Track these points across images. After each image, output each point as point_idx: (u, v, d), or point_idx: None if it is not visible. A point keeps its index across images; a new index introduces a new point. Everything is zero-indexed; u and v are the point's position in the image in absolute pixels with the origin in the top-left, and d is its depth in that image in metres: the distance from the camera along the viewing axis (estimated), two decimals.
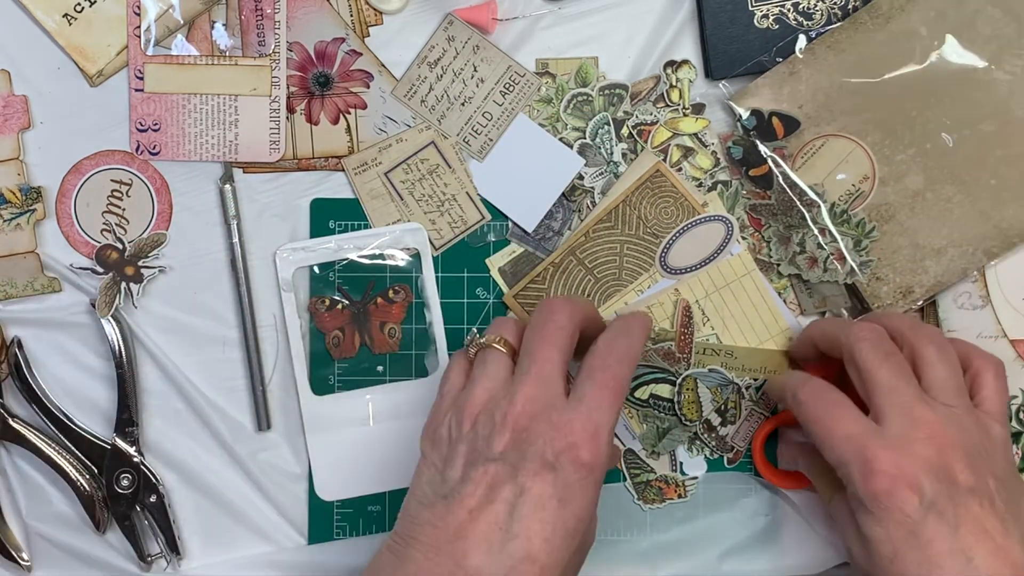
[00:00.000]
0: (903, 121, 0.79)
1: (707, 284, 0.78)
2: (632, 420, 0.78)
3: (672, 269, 0.77)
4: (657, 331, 0.77)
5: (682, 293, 0.77)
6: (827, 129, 0.79)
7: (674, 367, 0.78)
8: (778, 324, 0.79)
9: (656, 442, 0.80)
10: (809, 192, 0.79)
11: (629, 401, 0.78)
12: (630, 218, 0.77)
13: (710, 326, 0.78)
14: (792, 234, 0.80)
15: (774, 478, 0.82)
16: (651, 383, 0.79)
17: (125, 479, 0.81)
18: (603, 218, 0.76)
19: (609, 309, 0.76)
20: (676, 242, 0.77)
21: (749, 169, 0.80)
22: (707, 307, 0.78)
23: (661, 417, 0.79)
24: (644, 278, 0.76)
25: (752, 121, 0.80)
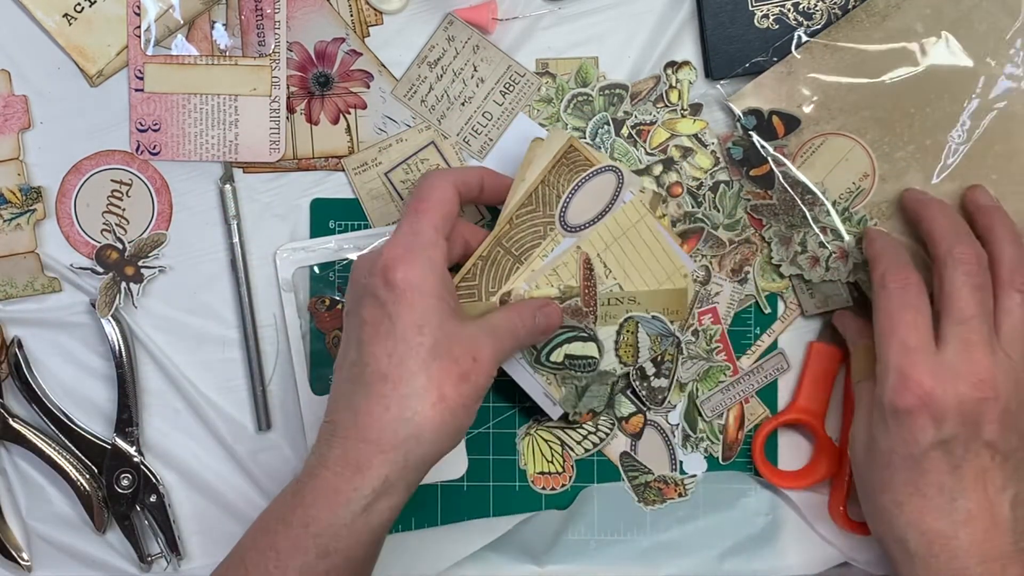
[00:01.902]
0: (902, 118, 0.79)
1: (606, 236, 0.76)
2: (552, 387, 0.78)
3: (572, 227, 0.76)
4: (563, 289, 0.76)
5: (584, 249, 0.76)
6: (826, 128, 0.79)
7: (583, 322, 0.77)
8: (674, 264, 0.78)
9: (576, 402, 0.78)
10: (814, 190, 0.79)
11: (545, 367, 0.77)
12: (550, 198, 0.76)
13: (612, 277, 0.77)
14: (793, 234, 0.80)
15: (774, 478, 0.82)
16: (564, 344, 0.77)
17: (125, 479, 0.81)
18: (524, 202, 0.75)
19: (519, 279, 0.75)
20: (572, 199, 0.76)
21: (750, 169, 0.80)
22: (608, 259, 0.77)
23: (578, 376, 0.78)
24: (548, 241, 0.76)
25: (752, 121, 0.80)
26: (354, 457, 0.66)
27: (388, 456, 0.66)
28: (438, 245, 0.69)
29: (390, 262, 0.68)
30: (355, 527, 0.66)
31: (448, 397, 0.67)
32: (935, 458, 0.68)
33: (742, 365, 0.82)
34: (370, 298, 0.68)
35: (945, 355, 0.69)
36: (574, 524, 0.83)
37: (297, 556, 0.66)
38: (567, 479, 0.83)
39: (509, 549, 0.83)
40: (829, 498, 0.82)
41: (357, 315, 0.69)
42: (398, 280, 0.67)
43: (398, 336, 0.67)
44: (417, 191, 0.71)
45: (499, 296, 0.75)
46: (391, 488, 0.66)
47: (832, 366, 0.82)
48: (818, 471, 0.82)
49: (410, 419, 0.66)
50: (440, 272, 0.69)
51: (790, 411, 0.82)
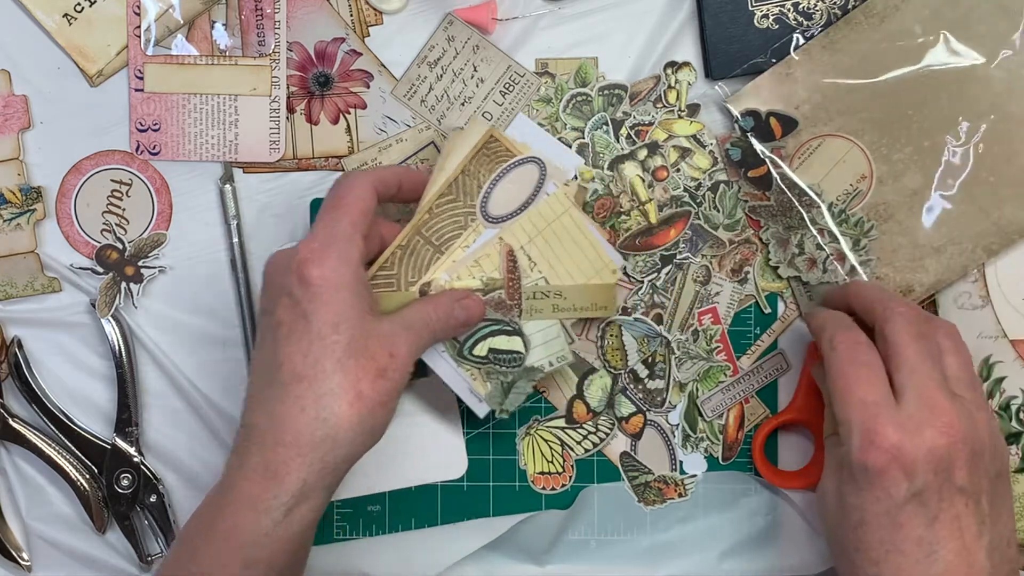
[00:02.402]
0: (900, 120, 0.79)
1: (529, 228, 0.76)
2: (477, 383, 0.76)
3: (493, 218, 0.75)
4: (485, 280, 0.75)
5: (507, 241, 0.76)
6: (824, 129, 0.79)
7: (507, 315, 0.76)
8: (601, 259, 0.77)
9: (503, 399, 0.76)
10: (809, 192, 0.79)
11: (468, 360, 0.76)
12: (471, 188, 0.75)
13: (538, 270, 0.76)
14: (791, 236, 0.80)
15: (774, 478, 0.82)
16: (488, 337, 0.76)
17: (125, 479, 0.81)
18: (445, 192, 0.75)
19: (439, 270, 0.75)
20: (494, 189, 0.75)
21: (748, 170, 0.80)
22: (532, 252, 0.76)
23: (504, 372, 0.76)
24: (469, 232, 0.75)
25: (750, 122, 0.80)
26: (272, 463, 0.65)
27: (305, 459, 0.65)
28: (354, 242, 0.68)
29: (305, 260, 0.67)
30: (276, 535, 0.65)
31: (365, 395, 0.66)
32: (910, 512, 0.67)
33: (742, 365, 0.82)
34: (285, 297, 0.67)
35: (906, 407, 0.68)
36: (574, 524, 0.83)
37: (220, 569, 0.65)
38: (567, 479, 0.83)
39: (509, 549, 0.83)
40: None
41: (272, 314, 0.68)
42: (313, 277, 0.66)
43: (313, 335, 0.66)
44: (334, 190, 0.71)
45: (419, 287, 0.74)
46: (310, 492, 0.66)
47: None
48: (818, 471, 0.81)
49: (326, 419, 0.65)
50: (356, 269, 0.68)
51: (790, 411, 0.82)
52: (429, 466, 0.82)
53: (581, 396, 0.82)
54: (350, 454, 0.67)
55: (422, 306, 0.72)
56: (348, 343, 0.66)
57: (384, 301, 0.74)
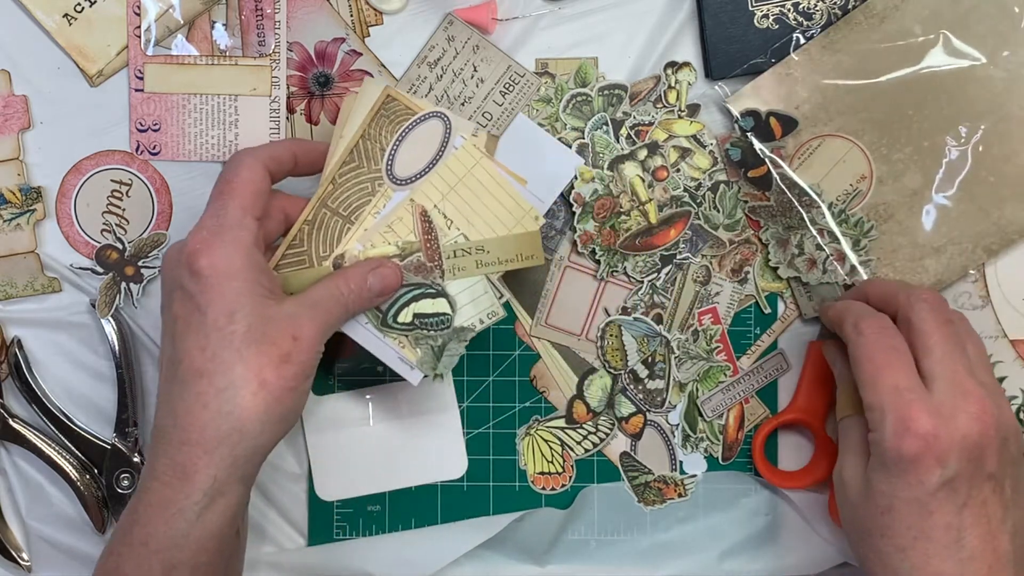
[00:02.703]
0: (900, 120, 0.79)
1: (440, 186, 0.73)
2: (405, 350, 0.74)
3: (401, 180, 0.73)
4: (402, 245, 0.73)
5: (419, 202, 0.74)
6: (824, 129, 0.79)
7: (429, 278, 0.73)
8: (521, 207, 0.75)
9: (435, 363, 0.74)
10: (809, 192, 0.79)
11: (394, 329, 0.73)
12: (374, 152, 0.73)
13: (456, 228, 0.74)
14: (791, 236, 0.80)
15: (774, 478, 0.82)
16: (411, 302, 0.73)
17: (125, 479, 0.81)
18: (346, 160, 0.73)
19: (351, 240, 0.72)
20: (398, 150, 0.73)
21: (748, 170, 0.80)
22: (447, 209, 0.74)
23: (432, 335, 0.74)
24: (378, 198, 0.73)
25: (750, 122, 0.80)
26: (180, 463, 0.64)
27: (213, 456, 0.64)
28: (245, 226, 0.67)
29: (194, 250, 0.65)
30: (194, 536, 0.64)
31: (269, 383, 0.64)
32: (942, 499, 0.67)
33: (742, 365, 0.82)
34: (179, 290, 0.66)
35: (937, 393, 0.67)
36: (574, 524, 0.83)
37: None
38: (567, 479, 0.83)
39: (509, 549, 0.83)
40: (829, 498, 0.82)
41: (169, 310, 0.67)
42: (203, 267, 0.65)
43: (209, 327, 0.64)
44: (222, 174, 0.69)
45: (332, 260, 0.72)
46: (223, 488, 0.65)
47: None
48: (818, 471, 0.82)
49: (230, 412, 0.64)
50: (249, 254, 0.66)
51: (790, 411, 0.82)
52: (429, 466, 0.83)
53: (581, 396, 0.82)
54: (260, 444, 0.66)
55: (331, 281, 0.70)
56: (246, 331, 0.65)
57: (297, 279, 0.72)
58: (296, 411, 0.67)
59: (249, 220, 0.67)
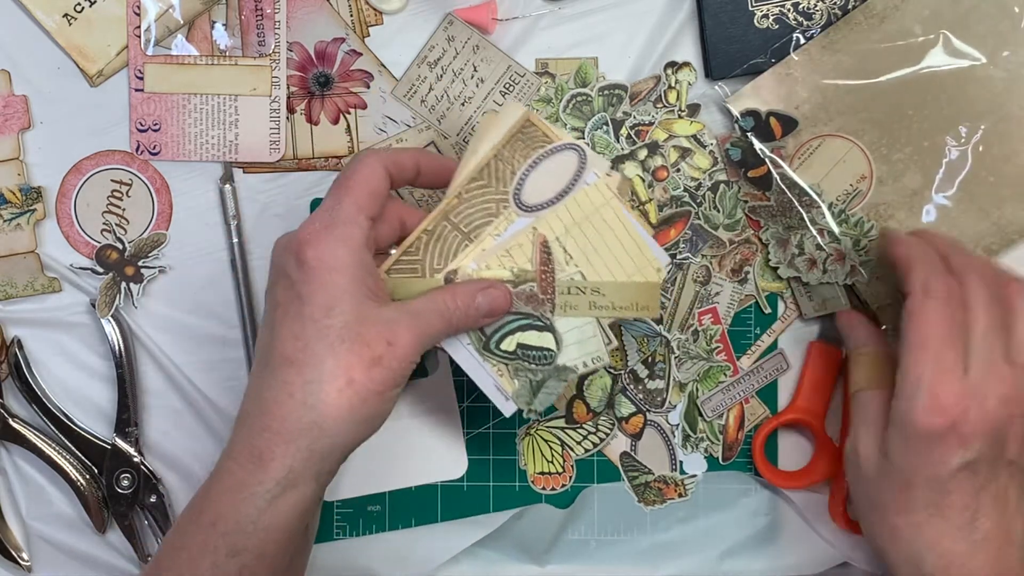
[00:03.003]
0: (900, 120, 0.79)
1: (566, 219, 0.72)
2: (503, 379, 0.72)
3: (527, 206, 0.71)
4: (516, 272, 0.71)
5: (541, 231, 0.72)
6: (824, 129, 0.79)
7: (539, 310, 0.71)
8: (644, 255, 0.72)
9: (531, 399, 0.72)
10: (809, 192, 0.79)
11: (495, 355, 0.71)
12: (504, 174, 0.71)
13: (574, 264, 0.72)
14: (791, 236, 0.80)
15: (774, 478, 0.82)
16: (517, 331, 0.71)
17: (125, 479, 0.81)
18: (475, 176, 0.71)
19: (467, 258, 0.71)
20: (529, 177, 0.71)
21: (748, 170, 0.80)
22: (568, 245, 0.71)
23: (533, 369, 0.72)
24: (500, 220, 0.71)
25: (750, 122, 0.80)
26: (258, 448, 0.64)
27: (291, 446, 0.63)
28: (357, 224, 0.66)
29: (304, 241, 0.65)
30: (263, 523, 0.64)
31: (357, 382, 0.63)
32: (961, 480, 0.67)
33: (742, 365, 0.82)
34: (283, 278, 0.66)
35: (972, 374, 0.67)
36: (574, 524, 0.83)
37: (207, 555, 0.64)
38: (567, 479, 0.83)
39: (509, 549, 0.83)
40: (829, 498, 0.82)
41: (271, 296, 0.67)
42: (309, 258, 0.64)
43: (306, 317, 0.64)
44: (344, 170, 0.68)
45: (444, 274, 0.71)
46: (297, 480, 0.64)
47: (832, 366, 0.82)
48: (818, 471, 0.82)
49: (314, 406, 0.63)
50: (357, 252, 0.65)
51: (790, 411, 0.82)
52: (429, 466, 0.83)
53: (581, 396, 0.82)
54: (340, 443, 0.65)
55: (437, 294, 0.69)
56: (342, 327, 0.64)
57: (406, 287, 0.70)
58: (380, 417, 0.66)
59: (362, 219, 0.66)
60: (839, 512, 0.81)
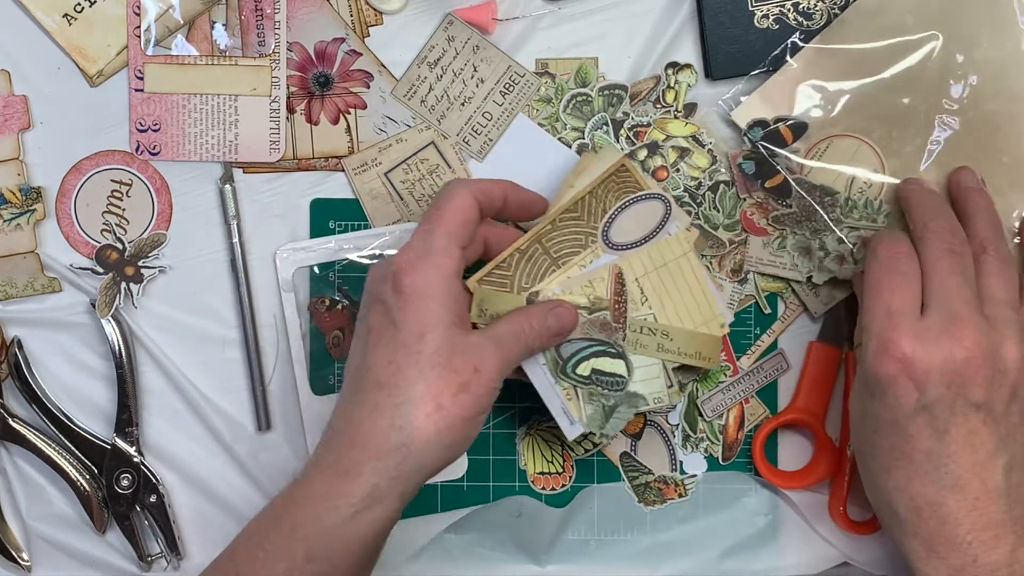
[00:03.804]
0: (907, 113, 0.79)
1: (646, 262, 0.76)
2: (571, 403, 0.76)
3: (614, 244, 0.76)
4: (592, 299, 0.75)
5: (622, 270, 0.76)
6: (832, 131, 0.79)
7: (611, 337, 0.76)
8: (712, 311, 0.77)
9: (603, 423, 0.76)
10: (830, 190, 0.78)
11: (571, 379, 0.75)
12: (595, 210, 0.76)
13: (648, 305, 0.76)
14: (811, 242, 0.79)
15: (774, 478, 0.82)
16: (591, 357, 0.75)
17: (125, 479, 0.81)
18: (569, 208, 0.75)
19: (553, 282, 0.75)
20: (617, 218, 0.76)
21: (764, 181, 0.80)
22: (646, 286, 0.76)
23: (606, 394, 0.76)
24: (588, 252, 0.75)
25: (758, 133, 0.79)
26: (345, 463, 0.66)
27: (378, 464, 0.65)
28: (450, 254, 0.69)
29: (400, 269, 0.67)
30: (343, 534, 0.66)
31: (445, 407, 0.66)
32: (920, 423, 0.67)
33: (742, 365, 0.82)
34: (378, 304, 0.68)
35: (928, 319, 0.68)
36: (574, 524, 0.83)
37: (284, 558, 0.66)
38: (567, 479, 0.83)
39: (509, 549, 0.83)
40: (829, 498, 0.82)
41: (366, 321, 0.69)
42: (405, 286, 0.67)
43: (399, 343, 0.66)
44: (436, 199, 0.71)
45: (527, 295, 0.74)
46: (381, 497, 0.66)
47: (832, 366, 0.82)
48: (818, 471, 0.82)
49: (402, 427, 0.65)
50: (449, 281, 0.68)
51: (790, 411, 0.82)
52: None
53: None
54: (425, 465, 0.67)
55: (515, 318, 0.72)
56: (432, 353, 0.66)
57: (493, 299, 0.74)
58: (465, 442, 0.68)
59: (454, 249, 0.69)
60: (839, 512, 0.81)
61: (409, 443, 0.65)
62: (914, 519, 0.68)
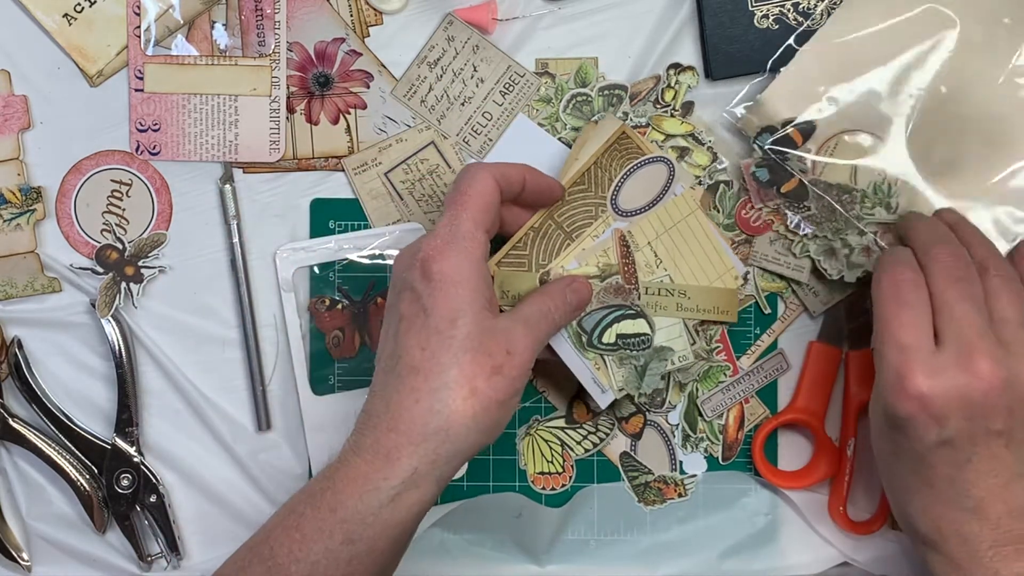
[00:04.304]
0: (912, 100, 0.78)
1: (656, 225, 0.77)
2: (600, 372, 0.77)
3: (623, 211, 0.77)
4: (601, 267, 0.76)
5: (634, 235, 0.77)
6: (839, 127, 0.79)
7: (628, 299, 0.77)
8: (724, 264, 0.78)
9: (639, 383, 0.77)
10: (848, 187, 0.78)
11: (599, 349, 0.76)
12: (602, 180, 0.77)
13: (663, 268, 0.78)
14: (834, 242, 0.79)
15: (774, 478, 0.82)
16: (613, 323, 0.77)
17: (125, 479, 0.81)
18: (577, 181, 0.76)
19: (569, 256, 0.76)
20: (624, 185, 0.77)
21: (779, 187, 0.80)
22: (659, 249, 0.78)
23: (635, 355, 0.77)
24: (599, 222, 0.76)
25: (767, 139, 0.79)
26: (385, 446, 0.66)
27: (418, 448, 0.66)
28: (476, 238, 0.69)
29: (428, 256, 0.68)
30: (381, 517, 0.66)
31: (480, 391, 0.66)
32: (941, 455, 0.67)
33: (742, 365, 0.82)
34: (408, 291, 0.68)
35: (944, 353, 0.67)
36: (574, 524, 0.83)
37: (321, 540, 0.66)
38: (567, 479, 0.83)
39: (509, 549, 0.83)
40: (829, 498, 0.82)
41: (396, 308, 0.69)
42: (434, 272, 0.67)
43: (431, 328, 0.67)
44: (456, 184, 0.71)
45: (539, 276, 0.75)
46: (420, 480, 0.66)
47: (832, 366, 0.82)
48: (818, 471, 0.82)
49: (440, 412, 0.66)
50: (477, 265, 0.68)
51: (790, 411, 0.82)
52: None
53: (581, 396, 0.82)
54: (462, 449, 0.67)
55: (538, 298, 0.72)
56: (464, 338, 0.66)
57: (513, 279, 0.75)
58: (500, 424, 0.69)
59: (480, 233, 0.69)
60: (839, 512, 0.81)
61: (447, 427, 0.66)
62: (936, 538, 0.69)
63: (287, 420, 0.83)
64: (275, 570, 0.66)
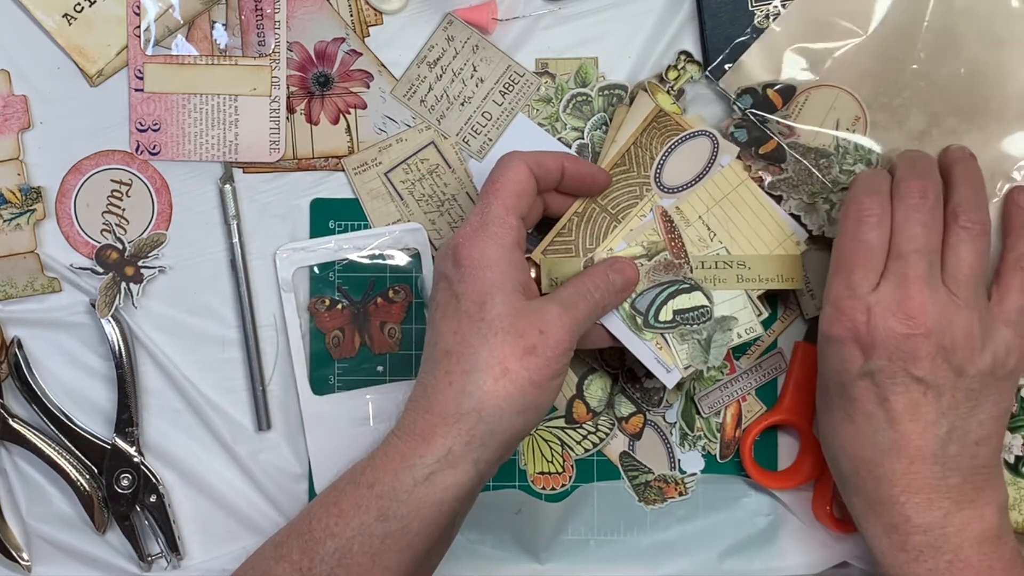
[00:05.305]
0: (893, 66, 0.78)
1: (706, 199, 0.77)
2: (663, 351, 0.76)
3: (668, 188, 0.77)
4: (647, 245, 0.76)
5: (684, 211, 0.77)
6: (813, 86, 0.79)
7: (679, 273, 0.76)
8: (783, 230, 0.78)
9: (705, 356, 0.76)
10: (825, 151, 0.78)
11: (657, 328, 0.76)
12: (643, 159, 0.77)
13: (718, 240, 0.77)
14: (816, 201, 0.79)
15: (762, 478, 0.82)
16: (668, 300, 0.76)
17: (125, 479, 0.81)
18: (618, 162, 0.76)
19: (616, 238, 0.76)
20: (667, 162, 0.77)
21: (758, 149, 0.79)
22: (711, 222, 0.77)
23: (697, 329, 0.76)
24: (645, 202, 0.77)
25: (747, 100, 0.79)
26: (421, 427, 0.68)
27: (451, 428, 0.67)
28: (506, 223, 0.70)
29: (458, 243, 0.69)
30: (416, 494, 0.67)
31: (512, 371, 0.67)
32: (862, 387, 0.70)
33: (741, 365, 0.82)
34: (443, 280, 0.70)
35: (881, 290, 0.69)
36: (574, 523, 0.83)
37: (357, 515, 0.67)
38: (567, 479, 0.83)
39: (509, 548, 0.83)
40: (813, 497, 0.82)
41: (434, 298, 0.71)
42: (463, 258, 0.68)
43: (463, 312, 0.68)
44: (490, 173, 0.72)
45: (583, 261, 0.76)
46: (456, 461, 0.67)
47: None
48: (803, 471, 0.82)
49: (472, 393, 0.67)
50: (507, 250, 0.69)
51: (777, 411, 0.82)
52: None
53: (581, 396, 0.82)
54: (498, 431, 0.67)
55: (577, 280, 0.73)
56: (494, 319, 0.67)
57: (561, 266, 0.76)
58: (539, 407, 0.69)
59: (511, 219, 0.70)
60: (824, 512, 0.81)
61: (480, 408, 0.67)
62: (854, 478, 0.71)
63: (287, 420, 0.83)
64: (311, 544, 0.67)
